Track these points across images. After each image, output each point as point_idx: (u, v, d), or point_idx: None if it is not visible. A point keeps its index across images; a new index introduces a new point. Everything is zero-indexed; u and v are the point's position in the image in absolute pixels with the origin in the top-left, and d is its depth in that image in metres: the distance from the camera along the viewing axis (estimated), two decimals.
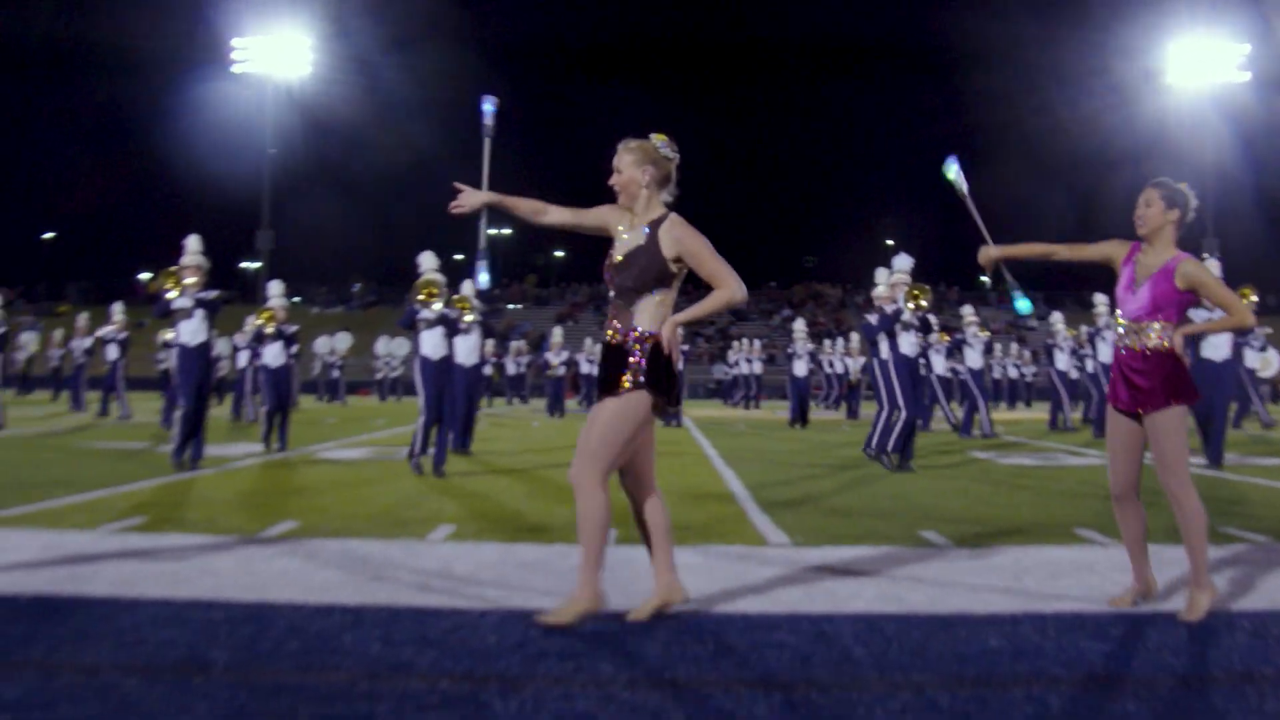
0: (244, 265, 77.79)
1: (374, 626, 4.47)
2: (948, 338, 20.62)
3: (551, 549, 6.42)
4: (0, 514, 7.57)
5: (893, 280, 12.69)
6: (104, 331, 23.51)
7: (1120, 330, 5.15)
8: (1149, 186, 5.12)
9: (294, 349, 15.15)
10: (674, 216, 4.77)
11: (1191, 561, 4.91)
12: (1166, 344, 4.96)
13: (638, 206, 4.82)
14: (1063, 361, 20.93)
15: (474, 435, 14.84)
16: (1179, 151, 54.90)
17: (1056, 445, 16.52)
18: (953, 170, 5.92)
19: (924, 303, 12.19)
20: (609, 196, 4.88)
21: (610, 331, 4.77)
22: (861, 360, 26.25)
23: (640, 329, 4.67)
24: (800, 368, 22.92)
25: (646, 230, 4.73)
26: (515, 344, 40.32)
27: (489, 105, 5.40)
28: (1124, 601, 5.04)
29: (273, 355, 14.75)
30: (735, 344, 38.28)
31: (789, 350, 23.62)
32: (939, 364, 20.33)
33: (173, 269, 11.72)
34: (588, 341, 37.43)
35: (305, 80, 67.61)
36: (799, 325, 23.95)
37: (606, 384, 4.72)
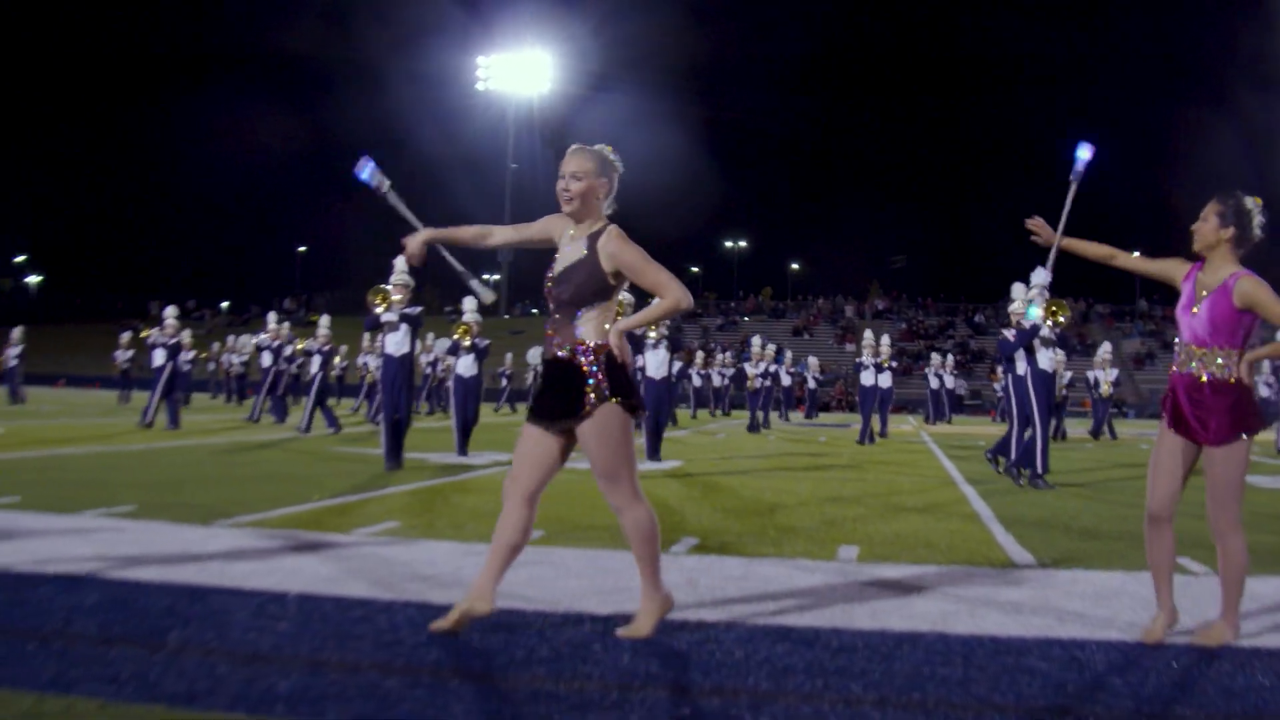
0: (485, 277, 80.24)
1: None
2: None
3: (792, 563, 6.42)
4: (261, 516, 8.01)
5: (1030, 295, 12.36)
6: (307, 344, 23.45)
7: (1180, 353, 4.84)
8: (1213, 199, 4.80)
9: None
10: (613, 229, 4.66)
11: (1225, 597, 4.68)
12: (1232, 377, 4.67)
13: (586, 216, 4.71)
14: None
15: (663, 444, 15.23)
16: None
17: None
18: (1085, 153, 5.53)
19: (1062, 318, 11.96)
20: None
21: (555, 347, 4.64)
22: (1114, 373, 25.28)
23: (589, 342, 4.58)
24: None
25: (586, 244, 4.63)
26: (720, 356, 40.53)
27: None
28: (1155, 634, 4.68)
29: (465, 367, 15.46)
30: (933, 359, 37.59)
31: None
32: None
33: (382, 287, 12.68)
34: (812, 360, 37.16)
35: (545, 96, 69.45)
36: None
37: (563, 402, 4.59)
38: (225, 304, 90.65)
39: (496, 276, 73.41)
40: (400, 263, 12.96)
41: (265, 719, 3.42)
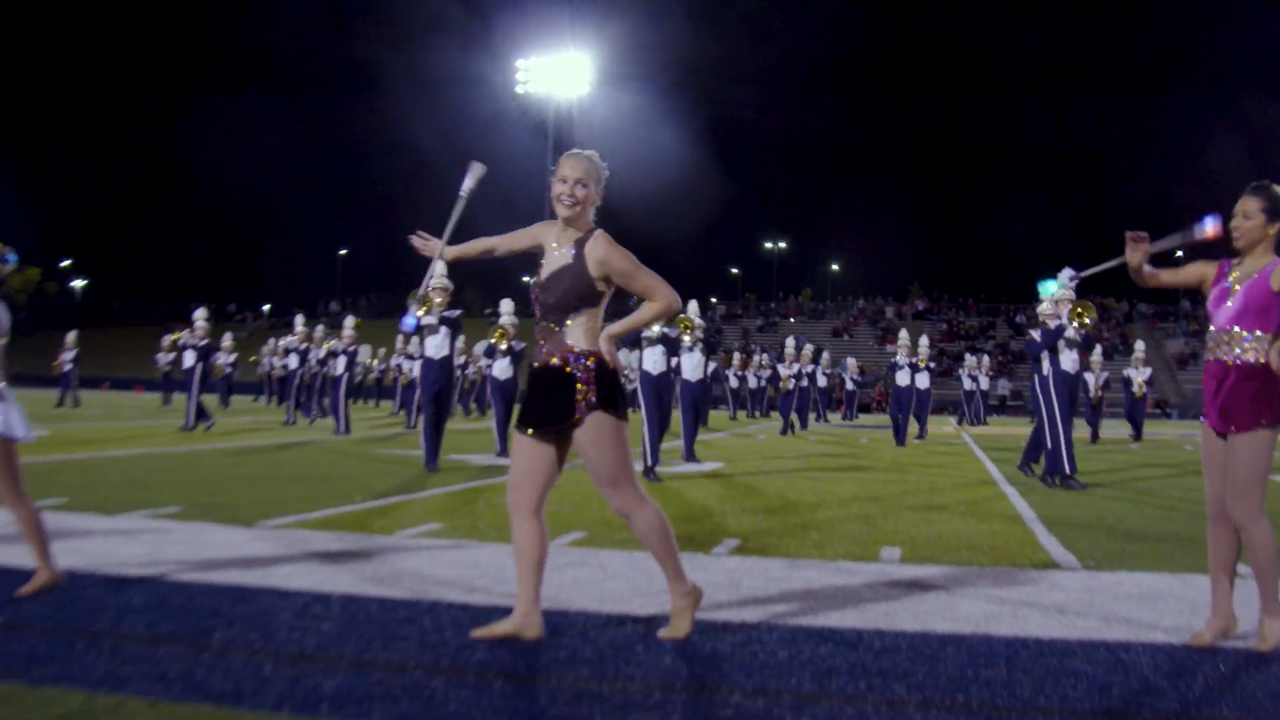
0: (525, 279, 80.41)
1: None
2: None
3: (834, 565, 6.40)
4: (303, 517, 8.07)
5: (1057, 296, 12.32)
6: (332, 344, 22.77)
7: (1210, 341, 4.80)
8: (1248, 194, 4.71)
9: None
10: (599, 234, 4.61)
11: (1260, 591, 4.60)
12: (1261, 358, 4.59)
13: (576, 222, 4.65)
14: None
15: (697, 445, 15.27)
16: None
17: None
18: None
19: (1088, 320, 12.01)
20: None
21: (545, 354, 4.60)
22: (1148, 372, 24.97)
23: (579, 348, 4.55)
24: None
25: (573, 250, 4.58)
26: (757, 358, 40.47)
27: (472, 176, 5.51)
28: (1203, 638, 4.63)
29: (501, 369, 15.78)
30: (967, 360, 37.28)
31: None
32: None
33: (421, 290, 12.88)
34: (850, 361, 36.95)
35: (584, 99, 69.41)
36: None
37: (554, 409, 4.55)
38: (267, 307, 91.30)
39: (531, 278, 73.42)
40: (439, 266, 13.07)
41: (311, 718, 3.45)
